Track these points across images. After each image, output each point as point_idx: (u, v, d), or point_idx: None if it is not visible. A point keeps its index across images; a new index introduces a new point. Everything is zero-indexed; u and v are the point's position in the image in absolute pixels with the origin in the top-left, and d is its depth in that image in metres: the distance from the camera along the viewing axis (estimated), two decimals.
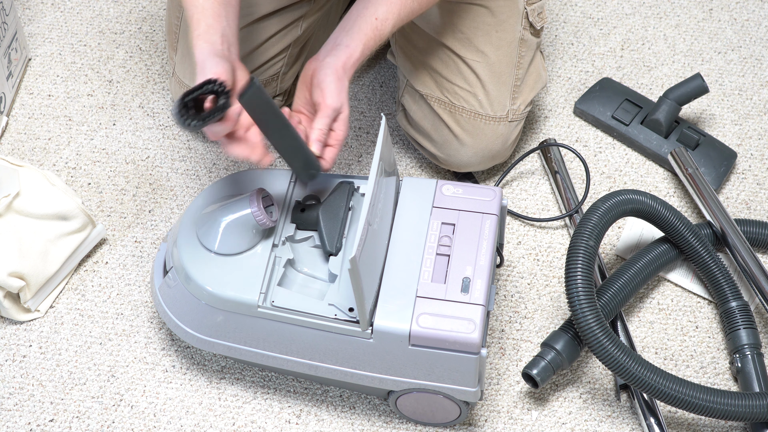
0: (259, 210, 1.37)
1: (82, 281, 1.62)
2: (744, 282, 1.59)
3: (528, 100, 1.65)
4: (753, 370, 1.49)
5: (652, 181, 1.73)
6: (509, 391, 1.52)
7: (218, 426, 1.49)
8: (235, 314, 1.38)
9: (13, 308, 1.56)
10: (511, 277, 1.63)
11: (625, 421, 1.50)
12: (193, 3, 1.36)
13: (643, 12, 1.93)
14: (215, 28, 1.35)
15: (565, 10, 1.93)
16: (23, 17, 1.91)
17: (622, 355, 1.38)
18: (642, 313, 1.59)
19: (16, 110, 1.80)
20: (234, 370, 1.54)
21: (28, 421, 1.50)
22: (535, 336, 1.57)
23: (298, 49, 1.70)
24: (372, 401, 1.52)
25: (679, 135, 1.73)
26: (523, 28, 1.62)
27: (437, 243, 1.38)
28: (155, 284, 1.48)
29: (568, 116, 1.80)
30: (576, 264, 1.41)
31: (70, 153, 1.75)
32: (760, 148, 1.77)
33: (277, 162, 1.74)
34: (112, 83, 1.83)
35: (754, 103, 1.82)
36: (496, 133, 1.63)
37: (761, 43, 1.89)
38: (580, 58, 1.87)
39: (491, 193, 1.42)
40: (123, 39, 1.89)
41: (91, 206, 1.69)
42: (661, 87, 1.83)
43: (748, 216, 1.69)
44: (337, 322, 1.34)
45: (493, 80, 1.61)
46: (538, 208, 1.70)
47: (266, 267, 1.38)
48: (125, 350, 1.56)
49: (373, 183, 1.29)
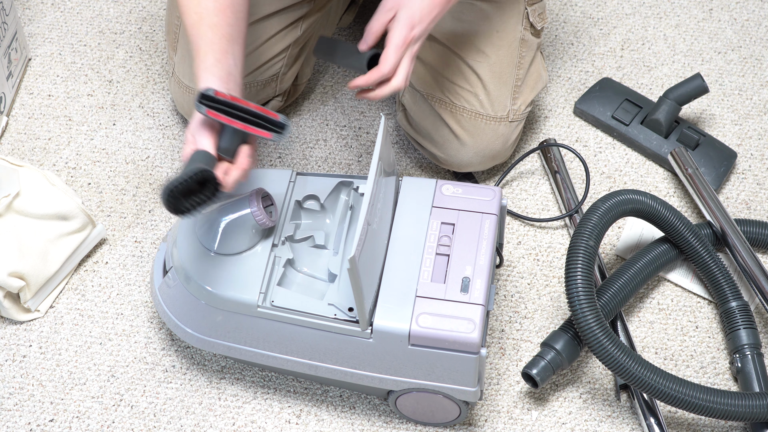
0: (259, 210, 1.37)
1: (82, 281, 1.62)
2: (744, 282, 1.58)
3: (528, 100, 1.65)
4: (753, 370, 1.49)
5: (652, 181, 1.73)
6: (509, 391, 1.52)
7: (218, 426, 1.49)
8: (235, 314, 1.38)
9: (13, 308, 1.56)
10: (511, 277, 1.63)
11: (625, 421, 1.50)
12: (199, 35, 1.35)
13: (643, 12, 1.93)
14: (223, 63, 1.34)
15: (565, 10, 1.93)
16: (23, 17, 1.91)
17: (622, 355, 1.38)
18: (642, 313, 1.59)
19: (16, 110, 1.80)
20: (234, 370, 1.54)
21: (28, 421, 1.50)
22: (535, 336, 1.57)
23: (297, 49, 1.70)
24: (372, 401, 1.52)
25: (679, 135, 1.73)
26: (523, 29, 1.62)
27: (437, 243, 1.38)
28: (155, 284, 1.48)
29: (568, 116, 1.80)
30: (576, 264, 1.41)
31: (70, 153, 1.75)
32: (760, 148, 1.77)
33: (276, 162, 1.74)
34: (112, 83, 1.83)
35: (754, 103, 1.82)
36: (496, 133, 1.63)
37: (761, 43, 1.89)
38: (580, 58, 1.87)
39: (491, 193, 1.42)
40: (123, 39, 1.89)
41: (91, 206, 1.69)
42: (661, 87, 1.83)
43: (748, 216, 1.69)
44: (336, 321, 1.34)
45: (494, 80, 1.61)
46: (538, 208, 1.70)
47: (266, 267, 1.38)
48: (125, 350, 1.56)
49: (372, 183, 1.29)
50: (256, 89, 1.67)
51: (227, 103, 1.29)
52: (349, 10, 1.83)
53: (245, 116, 1.30)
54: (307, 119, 1.80)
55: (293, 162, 1.74)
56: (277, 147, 1.75)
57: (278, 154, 1.75)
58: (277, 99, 1.73)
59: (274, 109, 1.73)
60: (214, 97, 1.28)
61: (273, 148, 1.75)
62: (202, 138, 1.31)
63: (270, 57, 1.66)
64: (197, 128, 1.32)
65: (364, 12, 1.87)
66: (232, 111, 1.29)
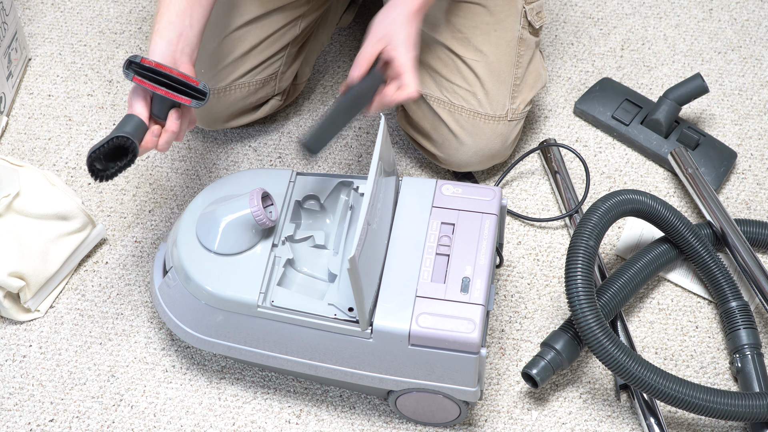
0: (259, 210, 1.37)
1: (82, 281, 1.62)
2: (744, 282, 1.58)
3: (528, 99, 1.65)
4: (753, 370, 1.49)
5: (652, 181, 1.73)
6: (509, 391, 1.52)
7: (218, 426, 1.49)
8: (235, 314, 1.38)
9: (13, 308, 1.56)
10: (511, 277, 1.63)
11: (625, 421, 1.50)
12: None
13: (643, 12, 1.93)
14: (175, 25, 1.40)
15: (565, 10, 1.93)
16: (23, 17, 1.91)
17: (622, 355, 1.38)
18: (642, 313, 1.59)
19: (16, 110, 1.80)
20: (234, 370, 1.54)
21: (28, 421, 1.50)
22: (535, 336, 1.57)
23: (296, 48, 1.70)
24: (372, 401, 1.52)
25: (679, 135, 1.73)
26: (521, 28, 1.62)
27: (437, 243, 1.38)
28: (155, 284, 1.48)
29: (568, 116, 1.80)
30: (576, 264, 1.41)
31: (70, 153, 1.75)
32: (760, 148, 1.77)
33: (276, 162, 1.74)
34: (112, 83, 1.83)
35: (754, 103, 1.82)
36: (495, 132, 1.63)
37: (761, 43, 1.89)
38: (580, 58, 1.87)
39: (491, 193, 1.42)
40: (123, 39, 1.89)
41: (91, 206, 1.69)
42: (661, 87, 1.83)
43: (748, 216, 1.69)
44: (336, 321, 1.34)
45: (492, 79, 1.61)
46: (538, 208, 1.70)
47: (266, 267, 1.38)
48: (125, 350, 1.56)
49: (372, 183, 1.29)
50: (254, 88, 1.67)
51: (152, 70, 1.36)
52: (349, 10, 1.83)
53: (169, 83, 1.36)
54: (307, 119, 1.80)
55: (293, 162, 1.74)
56: (277, 147, 1.75)
57: (278, 154, 1.75)
58: (277, 98, 1.73)
59: (273, 108, 1.73)
60: (141, 64, 1.36)
61: (273, 149, 1.76)
62: (135, 103, 1.39)
63: (268, 56, 1.66)
64: (133, 94, 1.39)
65: (364, 12, 1.87)
66: (158, 78, 1.36)
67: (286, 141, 1.77)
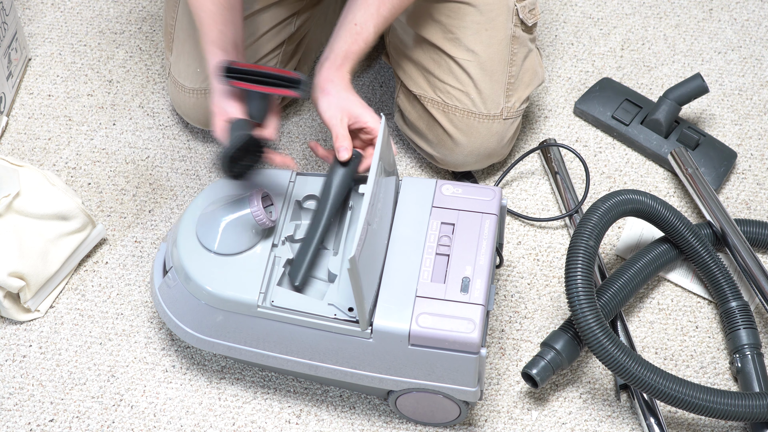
0: (259, 210, 1.37)
1: (82, 281, 1.62)
2: (744, 282, 1.58)
3: (523, 96, 1.65)
4: (753, 370, 1.49)
5: (652, 181, 1.73)
6: (509, 391, 1.52)
7: (218, 426, 1.49)
8: (235, 314, 1.38)
9: (13, 308, 1.56)
10: (511, 277, 1.63)
11: (625, 421, 1.50)
12: (201, 8, 1.42)
13: (643, 12, 1.93)
14: (227, 35, 1.42)
15: (565, 10, 1.93)
16: (23, 17, 1.91)
17: (622, 355, 1.38)
18: (642, 313, 1.59)
19: (16, 110, 1.80)
20: (234, 370, 1.54)
21: (28, 421, 1.50)
22: (535, 336, 1.57)
23: (293, 46, 1.70)
24: (372, 401, 1.52)
25: (679, 135, 1.73)
26: (514, 26, 1.62)
27: (437, 243, 1.38)
28: (155, 284, 1.48)
29: (568, 116, 1.80)
30: (576, 264, 1.41)
31: (70, 153, 1.75)
32: (760, 148, 1.77)
33: None
34: (112, 83, 1.83)
35: (754, 103, 1.82)
36: (490, 131, 1.63)
37: (761, 43, 1.89)
38: (580, 58, 1.87)
39: (491, 192, 1.42)
40: (123, 39, 1.89)
41: (91, 206, 1.69)
42: (661, 87, 1.83)
43: (748, 216, 1.69)
44: (336, 321, 1.34)
45: (485, 78, 1.61)
46: (538, 208, 1.70)
47: (266, 267, 1.38)
48: (125, 350, 1.56)
49: (372, 183, 1.29)
50: None
51: (247, 71, 1.37)
52: None
53: (265, 80, 1.37)
54: (307, 119, 1.80)
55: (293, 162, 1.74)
56: (277, 147, 1.75)
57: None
58: None
59: None
60: (234, 68, 1.36)
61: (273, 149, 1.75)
62: (230, 107, 1.40)
63: (264, 54, 1.66)
64: (222, 99, 1.40)
65: None
66: (252, 77, 1.37)
67: (286, 141, 1.77)
